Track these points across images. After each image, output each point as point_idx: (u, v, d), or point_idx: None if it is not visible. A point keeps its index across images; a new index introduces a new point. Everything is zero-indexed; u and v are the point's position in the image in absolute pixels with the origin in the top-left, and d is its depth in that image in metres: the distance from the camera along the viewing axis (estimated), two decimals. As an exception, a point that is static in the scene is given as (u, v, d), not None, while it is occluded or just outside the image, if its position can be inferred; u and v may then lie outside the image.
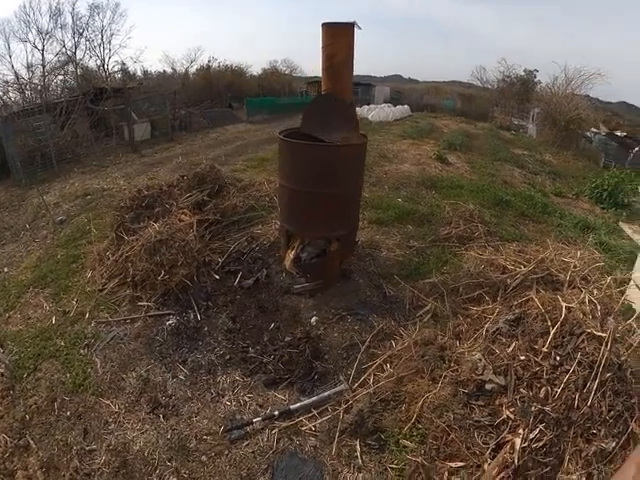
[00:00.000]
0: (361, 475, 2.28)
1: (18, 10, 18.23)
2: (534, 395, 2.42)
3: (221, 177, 4.58)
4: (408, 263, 4.20)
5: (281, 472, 2.23)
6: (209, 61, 24.53)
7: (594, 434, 2.20)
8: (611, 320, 2.84)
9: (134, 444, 2.32)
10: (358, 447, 2.41)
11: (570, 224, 5.76)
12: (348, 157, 3.44)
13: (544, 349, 2.71)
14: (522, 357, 2.73)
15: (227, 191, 4.53)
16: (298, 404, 2.57)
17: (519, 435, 2.23)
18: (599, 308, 2.92)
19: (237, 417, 2.52)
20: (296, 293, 3.67)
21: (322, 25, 3.28)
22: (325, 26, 3.27)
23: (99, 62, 20.24)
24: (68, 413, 2.53)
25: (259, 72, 27.38)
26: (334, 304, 3.54)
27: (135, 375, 2.79)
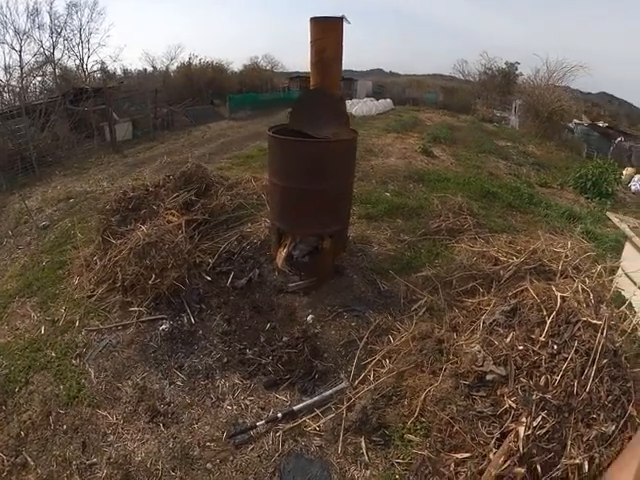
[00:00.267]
0: (368, 472, 2.29)
1: (-6, 11, 17.49)
2: (535, 384, 2.48)
3: (208, 176, 4.49)
4: (400, 257, 4.24)
5: (288, 474, 2.22)
6: (190, 58, 24.16)
7: (594, 419, 2.27)
8: (604, 308, 2.94)
9: (135, 455, 2.25)
10: (363, 444, 2.42)
11: (556, 214, 5.93)
12: (339, 152, 3.43)
13: (541, 338, 2.78)
14: (520, 347, 2.79)
15: (214, 190, 4.45)
16: (301, 405, 2.56)
17: (522, 423, 2.29)
18: (592, 296, 3.01)
19: (239, 421, 2.49)
20: (290, 292, 3.65)
21: (310, 20, 3.24)
22: (314, 21, 3.23)
23: (78, 62, 19.73)
24: (64, 427, 2.44)
25: (240, 68, 27.24)
26: (329, 301, 3.54)
27: (131, 384, 2.71)
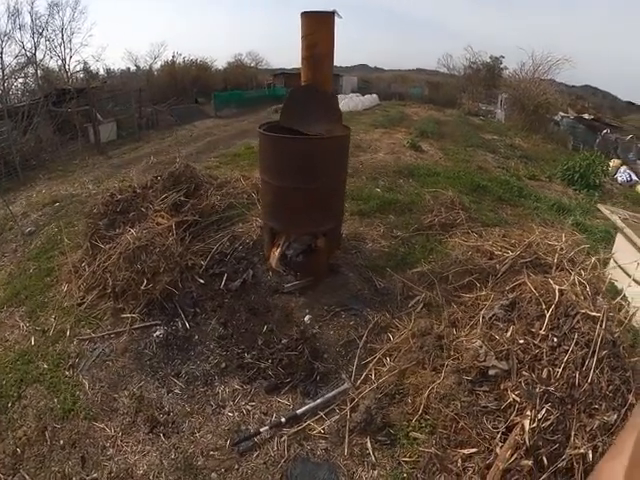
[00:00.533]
0: (376, 472, 2.29)
1: (-26, 13, 17.08)
2: (537, 377, 2.53)
3: (197, 176, 4.40)
4: (394, 254, 4.25)
5: (296, 479, 2.20)
6: (173, 56, 24.02)
7: (596, 409, 2.32)
8: (600, 299, 3.01)
9: (137, 468, 2.19)
10: (369, 444, 2.42)
11: (546, 206, 6.05)
12: (332, 149, 3.40)
13: (541, 332, 2.83)
14: (521, 341, 2.83)
15: (204, 190, 4.37)
16: (304, 408, 2.54)
17: (527, 417, 2.33)
18: (588, 289, 3.09)
19: (242, 428, 2.45)
20: (286, 292, 3.62)
21: (302, 14, 3.20)
22: (305, 15, 3.19)
23: (60, 62, 19.25)
24: (61, 442, 2.36)
25: (224, 66, 27.27)
26: (326, 300, 3.52)
27: (127, 394, 2.64)
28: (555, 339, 2.81)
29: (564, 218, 5.80)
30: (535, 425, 2.31)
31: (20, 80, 15.38)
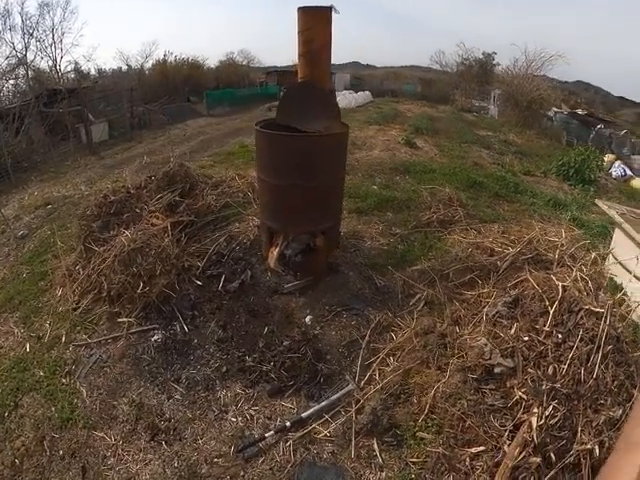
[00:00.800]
0: (384, 474, 2.29)
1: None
2: (543, 374, 2.55)
3: (191, 175, 4.34)
4: (394, 251, 4.25)
5: (303, 484, 2.19)
6: (165, 55, 24.05)
7: (602, 404, 2.35)
8: (602, 295, 3.05)
9: (139, 478, 2.15)
10: (376, 446, 2.42)
11: (542, 202, 6.11)
12: (331, 147, 3.37)
13: (546, 328, 2.85)
14: (526, 338, 2.85)
15: (199, 190, 4.32)
16: (309, 411, 2.52)
17: (534, 414, 2.34)
18: (590, 284, 3.12)
19: (246, 433, 2.42)
20: (286, 293, 3.60)
21: (298, 9, 3.17)
22: (301, 10, 3.16)
23: (51, 63, 19.04)
24: (61, 452, 2.31)
25: (216, 64, 27.27)
26: (326, 300, 3.50)
27: (127, 401, 2.60)
28: (560, 335, 2.83)
29: (560, 213, 5.86)
30: (542, 422, 2.33)
31: (11, 81, 15.29)
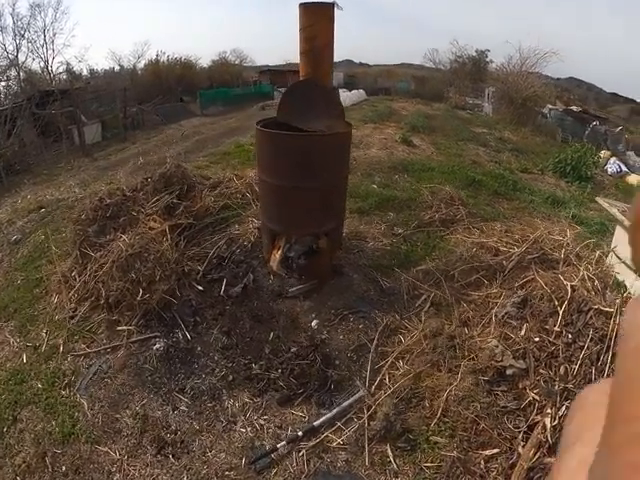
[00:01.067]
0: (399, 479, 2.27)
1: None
2: (555, 374, 2.55)
3: (188, 176, 4.26)
4: (397, 252, 4.23)
5: (318, 495, 2.15)
6: (157, 55, 23.95)
7: (613, 403, 2.37)
8: (609, 294, 3.07)
9: (148, 494, 2.11)
10: (390, 452, 2.41)
11: (541, 200, 6.17)
12: (334, 146, 3.34)
13: (555, 328, 2.87)
14: (536, 339, 2.86)
15: (197, 191, 4.25)
16: (321, 419, 2.49)
17: (548, 415, 2.35)
18: (597, 283, 3.14)
19: (257, 444, 2.38)
20: (290, 296, 3.55)
21: (300, 5, 3.12)
22: (304, 6, 3.11)
23: (43, 64, 18.73)
24: (64, 468, 2.25)
25: (209, 64, 27.24)
26: (332, 303, 3.47)
27: (130, 413, 2.53)
28: (570, 335, 2.85)
29: (559, 211, 5.91)
30: (556, 422, 2.34)
31: (2, 83, 15.08)
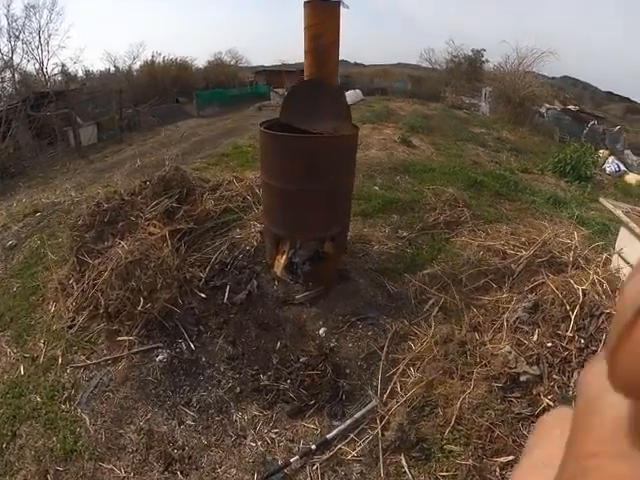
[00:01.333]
0: (415, 490, 2.23)
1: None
2: (568, 379, 2.54)
3: (188, 179, 4.18)
4: (402, 255, 4.19)
5: (334, 511, 2.10)
6: (153, 56, 23.60)
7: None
8: (619, 297, 3.06)
9: (158, 514, 2.03)
10: (404, 462, 2.38)
11: (542, 200, 6.19)
12: (341, 148, 3.30)
13: (568, 333, 2.85)
14: (549, 344, 2.85)
15: (197, 194, 4.16)
16: (334, 432, 2.44)
17: (565, 422, 2.33)
18: (607, 287, 3.13)
19: (268, 459, 2.32)
20: (296, 303, 3.49)
21: (305, 3, 3.06)
22: (309, 4, 3.05)
23: (38, 65, 18.54)
24: (67, 487, 2.16)
25: (204, 65, 27.09)
26: (339, 310, 3.42)
27: (134, 428, 2.46)
28: (582, 340, 2.84)
29: (560, 211, 5.92)
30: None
31: None
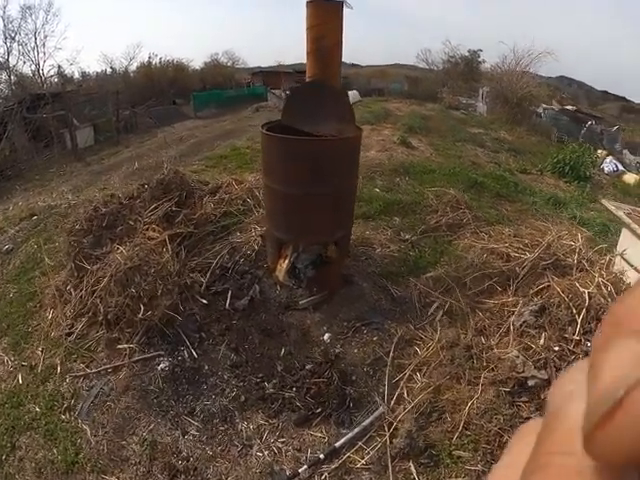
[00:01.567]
0: (424, 498, 2.21)
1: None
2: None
3: (187, 182, 4.14)
4: (405, 258, 4.19)
5: (345, 521, 2.08)
6: (149, 57, 24.06)
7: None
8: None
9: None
10: (413, 469, 2.37)
11: (542, 201, 6.23)
12: (346, 151, 3.29)
13: (575, 337, 2.86)
14: (556, 348, 2.85)
15: (197, 198, 4.12)
16: (342, 440, 2.42)
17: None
18: (612, 289, 3.14)
19: (276, 469, 2.29)
20: (299, 308, 3.47)
21: (308, 3, 3.05)
22: (312, 4, 3.04)
23: (34, 67, 18.44)
24: (70, 501, 2.11)
25: (201, 66, 27.55)
26: (344, 315, 3.40)
27: (137, 439, 2.42)
28: (589, 343, 2.83)
29: (561, 212, 5.95)
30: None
31: None
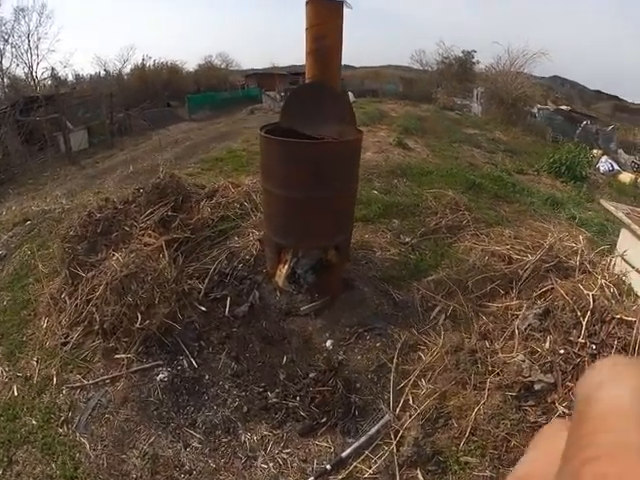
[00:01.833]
0: (433, 506, 2.20)
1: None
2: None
3: (183, 186, 4.09)
4: (406, 262, 4.18)
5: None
6: (143, 60, 24.13)
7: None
8: (626, 301, 3.11)
9: None
10: (421, 477, 2.37)
11: (540, 201, 6.28)
12: (347, 154, 3.28)
13: (580, 340, 2.87)
14: (561, 351, 2.86)
15: (193, 202, 4.08)
16: (348, 450, 2.41)
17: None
18: (614, 291, 3.17)
19: (283, 481, 2.26)
20: (301, 315, 3.44)
21: (307, 3, 3.03)
22: (312, 3, 3.02)
23: (27, 70, 18.16)
24: (70, 518, 2.06)
25: (195, 68, 27.62)
26: (346, 321, 3.38)
27: (138, 453, 2.37)
28: (594, 346, 2.86)
29: (559, 212, 6.00)
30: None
31: None
